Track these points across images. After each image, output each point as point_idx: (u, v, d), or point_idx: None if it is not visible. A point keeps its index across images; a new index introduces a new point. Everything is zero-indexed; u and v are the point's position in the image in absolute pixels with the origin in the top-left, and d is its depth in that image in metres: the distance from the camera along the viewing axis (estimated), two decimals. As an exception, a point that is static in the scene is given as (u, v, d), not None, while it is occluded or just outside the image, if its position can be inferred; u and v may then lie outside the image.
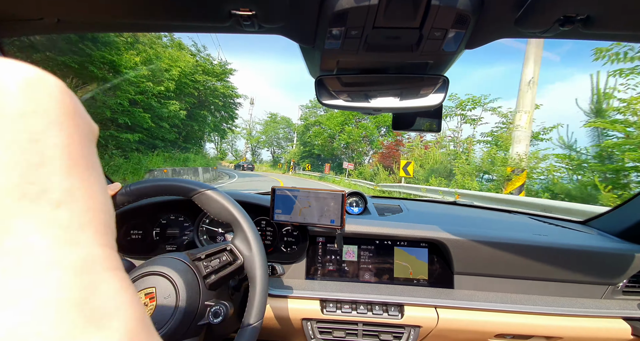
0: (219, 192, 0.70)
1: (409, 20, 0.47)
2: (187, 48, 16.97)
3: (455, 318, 0.89)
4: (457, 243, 0.98)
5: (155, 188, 0.68)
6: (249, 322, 0.59)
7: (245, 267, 0.65)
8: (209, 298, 0.63)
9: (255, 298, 0.61)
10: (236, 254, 0.66)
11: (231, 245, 0.67)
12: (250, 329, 0.59)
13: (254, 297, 0.61)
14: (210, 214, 0.69)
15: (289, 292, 0.92)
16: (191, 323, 0.59)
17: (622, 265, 0.98)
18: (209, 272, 0.64)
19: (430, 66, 0.63)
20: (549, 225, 1.25)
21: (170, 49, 14.56)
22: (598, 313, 0.90)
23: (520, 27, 0.49)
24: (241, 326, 0.59)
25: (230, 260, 0.65)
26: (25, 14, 0.54)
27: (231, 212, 0.67)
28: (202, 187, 0.69)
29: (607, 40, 0.54)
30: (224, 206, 0.68)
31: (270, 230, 1.08)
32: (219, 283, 0.65)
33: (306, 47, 0.62)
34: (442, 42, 0.52)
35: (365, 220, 1.07)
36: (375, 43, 0.53)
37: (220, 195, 0.69)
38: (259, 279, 0.63)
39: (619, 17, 0.45)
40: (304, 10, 0.50)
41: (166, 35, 14.81)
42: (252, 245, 0.66)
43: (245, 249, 0.66)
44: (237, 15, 0.48)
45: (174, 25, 0.61)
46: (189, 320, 0.59)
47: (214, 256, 0.66)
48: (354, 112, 9.17)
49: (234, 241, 0.67)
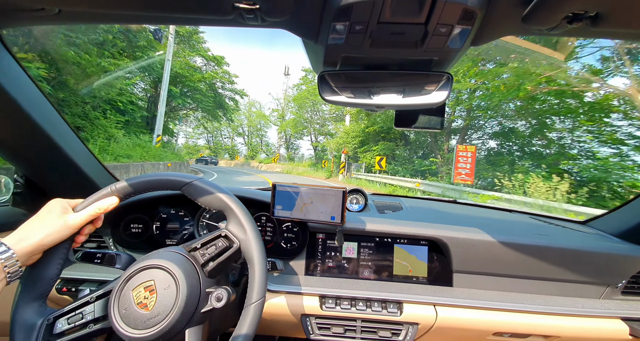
0: (207, 181, 0.70)
1: (414, 15, 0.47)
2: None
3: (453, 316, 0.89)
4: (457, 242, 0.98)
5: (143, 185, 0.68)
6: (251, 301, 0.60)
7: (242, 250, 0.66)
8: (209, 286, 0.63)
9: (255, 277, 0.62)
10: (231, 239, 0.66)
11: (225, 230, 0.67)
12: (253, 307, 0.60)
13: (253, 277, 0.62)
14: (201, 204, 0.69)
15: (288, 288, 0.92)
16: (194, 311, 0.60)
17: (621, 266, 0.98)
18: (206, 260, 0.64)
19: (435, 63, 0.62)
20: (549, 225, 1.25)
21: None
22: (596, 313, 0.91)
23: (527, 24, 0.48)
24: (244, 305, 0.60)
25: (226, 246, 0.66)
26: (25, 4, 0.53)
27: (221, 198, 0.68)
28: (189, 178, 0.69)
29: (615, 39, 0.54)
30: (213, 194, 0.68)
31: (271, 226, 1.08)
32: (218, 269, 0.65)
33: (309, 42, 0.62)
34: (448, 38, 0.51)
35: (365, 217, 1.07)
36: (380, 39, 0.53)
37: (208, 184, 0.69)
38: (257, 258, 0.63)
39: (628, 14, 0.44)
40: (308, 4, 0.49)
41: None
42: (245, 228, 0.66)
43: (239, 232, 0.66)
44: (240, 8, 0.47)
45: (177, 18, 0.60)
46: (192, 307, 0.59)
47: (210, 243, 0.66)
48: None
49: (228, 226, 0.67)
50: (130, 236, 1.07)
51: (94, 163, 1.04)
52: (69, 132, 0.92)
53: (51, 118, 0.84)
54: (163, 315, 0.57)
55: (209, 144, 46.39)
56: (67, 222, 0.60)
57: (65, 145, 0.88)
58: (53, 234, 0.58)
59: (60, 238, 0.59)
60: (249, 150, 40.05)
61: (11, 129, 0.78)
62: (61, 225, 0.59)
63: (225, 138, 44.64)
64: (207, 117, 22.86)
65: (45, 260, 0.60)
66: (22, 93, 0.74)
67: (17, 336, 0.57)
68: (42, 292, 0.61)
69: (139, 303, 0.58)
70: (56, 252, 0.61)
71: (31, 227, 0.58)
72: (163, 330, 0.56)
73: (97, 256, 0.71)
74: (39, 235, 0.57)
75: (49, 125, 0.82)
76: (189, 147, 45.39)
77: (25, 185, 0.97)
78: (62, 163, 0.92)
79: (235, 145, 44.74)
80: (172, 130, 20.65)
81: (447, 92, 0.66)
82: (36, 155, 0.87)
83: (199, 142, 47.39)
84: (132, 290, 0.59)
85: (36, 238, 0.56)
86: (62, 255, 0.62)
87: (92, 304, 0.62)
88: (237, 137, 42.15)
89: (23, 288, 0.60)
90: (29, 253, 0.56)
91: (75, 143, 0.94)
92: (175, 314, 0.57)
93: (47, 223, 0.58)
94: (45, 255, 0.60)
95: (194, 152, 43.07)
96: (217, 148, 43.49)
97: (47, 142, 0.84)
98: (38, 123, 0.78)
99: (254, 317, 0.59)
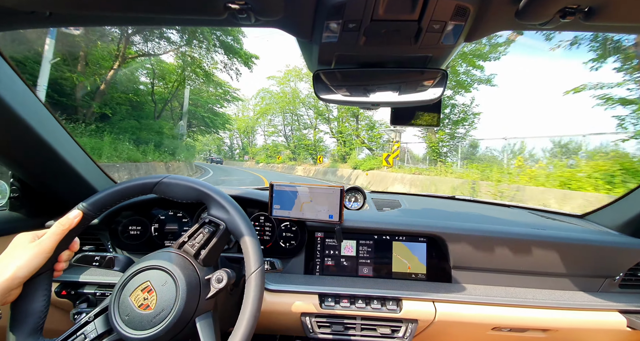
0: (175, 176, 0.70)
1: (407, 12, 0.46)
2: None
3: (452, 311, 0.90)
4: (456, 238, 0.98)
5: (111, 196, 0.67)
6: (251, 271, 0.61)
7: (229, 229, 0.66)
8: (207, 274, 0.64)
9: (249, 249, 0.62)
10: (216, 222, 0.66)
11: (208, 217, 0.67)
12: (254, 276, 0.60)
13: (247, 249, 0.63)
14: (177, 199, 0.69)
15: (287, 287, 0.92)
16: (198, 298, 0.60)
17: (619, 259, 0.98)
18: (197, 250, 0.65)
19: (429, 60, 0.62)
20: (546, 219, 1.25)
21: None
22: (594, 305, 0.91)
23: (520, 19, 0.48)
24: (246, 276, 0.61)
25: (213, 230, 0.66)
26: (16, 7, 0.53)
27: (194, 187, 0.68)
28: (156, 178, 0.69)
29: (607, 32, 0.54)
30: (185, 186, 0.68)
31: (269, 225, 1.08)
32: (211, 256, 0.66)
33: (304, 41, 0.61)
34: (441, 34, 0.51)
35: (363, 215, 1.07)
36: (374, 36, 0.53)
37: (176, 178, 0.69)
38: (245, 231, 0.64)
39: (620, 8, 0.44)
40: (300, 3, 0.49)
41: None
42: (227, 207, 0.66)
43: (222, 213, 0.66)
44: (232, 8, 0.47)
45: (169, 19, 0.60)
46: (195, 296, 0.60)
47: (197, 233, 0.66)
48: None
49: (210, 212, 0.68)
50: (128, 238, 1.07)
51: (90, 165, 1.03)
52: (64, 135, 0.91)
53: (46, 121, 0.84)
54: (167, 309, 0.57)
55: (287, 143, 33.11)
56: (36, 249, 0.58)
57: (60, 148, 0.88)
58: (25, 265, 0.56)
59: (35, 266, 0.57)
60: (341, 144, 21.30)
61: (5, 132, 0.77)
62: (31, 254, 0.57)
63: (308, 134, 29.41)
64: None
65: (28, 293, 0.59)
66: (15, 96, 0.73)
67: None
68: (34, 327, 0.59)
69: (140, 306, 0.58)
70: (37, 283, 0.60)
71: (3, 261, 0.56)
72: (171, 323, 0.56)
73: (95, 258, 0.71)
74: (11, 269, 0.55)
75: (44, 128, 0.82)
76: (267, 148, 37.12)
77: (22, 188, 0.97)
78: (57, 166, 0.91)
79: (323, 141, 28.29)
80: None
81: (443, 88, 0.66)
82: (31, 158, 0.87)
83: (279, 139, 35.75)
84: (130, 296, 0.59)
85: (8, 273, 0.55)
86: (45, 285, 0.61)
87: (92, 322, 0.61)
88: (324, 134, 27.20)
89: (14, 327, 0.58)
90: (5, 289, 0.54)
91: (71, 146, 0.94)
92: (179, 306, 0.57)
93: (16, 256, 0.57)
94: (26, 289, 0.58)
95: (273, 155, 33.86)
96: (298, 147, 29.41)
97: (42, 145, 0.83)
98: (32, 126, 0.78)
99: (257, 285, 0.59)
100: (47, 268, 0.61)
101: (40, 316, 0.60)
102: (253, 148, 45.29)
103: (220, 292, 0.62)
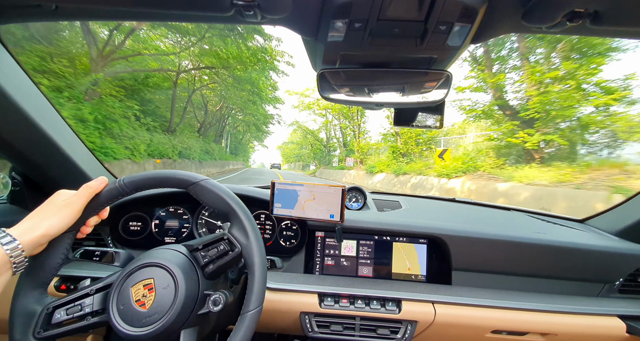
0: (214, 183, 0.69)
1: (414, 13, 0.46)
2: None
3: (452, 313, 0.90)
4: (456, 240, 0.98)
5: (150, 181, 0.68)
6: (248, 309, 0.60)
7: (243, 255, 0.65)
8: (208, 288, 0.63)
9: (254, 285, 0.62)
10: (233, 243, 0.66)
11: (228, 234, 0.67)
12: (249, 315, 0.59)
13: (252, 284, 0.62)
14: (205, 205, 0.69)
15: (287, 286, 0.92)
16: (191, 312, 0.60)
17: (619, 264, 0.98)
18: (207, 262, 0.64)
19: (434, 61, 0.62)
20: (547, 223, 1.25)
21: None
22: (594, 310, 0.91)
23: (527, 21, 0.48)
24: (241, 313, 0.60)
25: (227, 249, 0.65)
26: (22, 0, 0.53)
27: (226, 201, 0.67)
28: (196, 178, 0.69)
29: (613, 37, 0.54)
30: (218, 196, 0.67)
31: (270, 224, 1.08)
32: (218, 272, 0.65)
33: (309, 40, 0.61)
34: (447, 36, 0.51)
35: (364, 215, 1.07)
36: (379, 36, 0.53)
37: (214, 186, 0.68)
38: (257, 266, 0.63)
39: (628, 12, 0.44)
40: (307, 1, 0.49)
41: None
42: (249, 233, 0.65)
43: (242, 237, 0.66)
44: (239, 5, 0.47)
45: (176, 15, 0.60)
46: (189, 309, 0.59)
47: (212, 246, 0.66)
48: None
49: (231, 230, 0.67)
50: (128, 234, 1.07)
51: (91, 160, 1.03)
52: (66, 129, 0.91)
53: (48, 115, 0.84)
54: (160, 314, 0.57)
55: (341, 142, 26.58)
56: (67, 210, 0.61)
57: (62, 142, 0.88)
58: (57, 224, 0.59)
59: (65, 226, 0.60)
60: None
61: (7, 125, 0.77)
62: (62, 215, 0.60)
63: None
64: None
65: (50, 249, 0.61)
66: (18, 89, 0.73)
67: (16, 322, 0.58)
68: (44, 281, 0.62)
69: (137, 301, 0.58)
70: (61, 242, 0.62)
71: (36, 217, 0.59)
72: (158, 330, 0.56)
73: (95, 254, 0.71)
74: (44, 225, 0.58)
75: (46, 121, 0.82)
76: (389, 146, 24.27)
77: (23, 182, 0.97)
78: (58, 160, 0.91)
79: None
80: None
81: (447, 90, 0.66)
82: (32, 151, 0.87)
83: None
84: (132, 287, 0.59)
85: (42, 229, 0.57)
86: (67, 244, 0.63)
87: (92, 297, 0.62)
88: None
89: (25, 276, 0.61)
90: (35, 244, 0.57)
91: (72, 140, 0.94)
92: (171, 315, 0.57)
93: (51, 214, 0.59)
94: (51, 245, 0.61)
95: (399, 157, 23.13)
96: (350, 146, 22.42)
97: (44, 139, 0.83)
98: (34, 119, 0.78)
99: (249, 326, 0.59)
100: (74, 229, 0.63)
101: (52, 273, 0.62)
102: (360, 144, 21.49)
103: (212, 315, 0.62)
